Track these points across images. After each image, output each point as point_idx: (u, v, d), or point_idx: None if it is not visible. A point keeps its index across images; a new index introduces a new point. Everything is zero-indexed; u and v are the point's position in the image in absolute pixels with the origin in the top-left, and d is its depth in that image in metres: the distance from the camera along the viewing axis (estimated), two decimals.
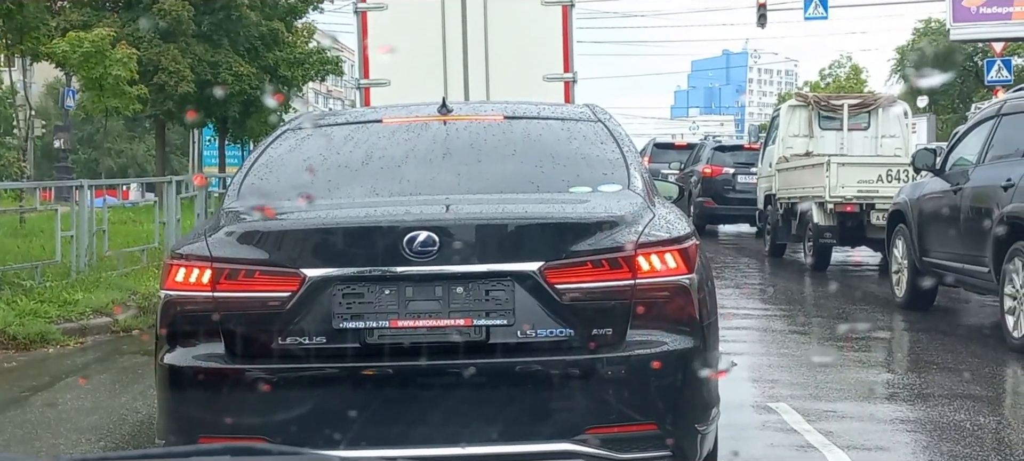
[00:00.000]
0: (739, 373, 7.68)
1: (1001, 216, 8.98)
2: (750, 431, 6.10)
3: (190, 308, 4.02)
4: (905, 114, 18.14)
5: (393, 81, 10.96)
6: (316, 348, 3.90)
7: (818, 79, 65.06)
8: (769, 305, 12.56)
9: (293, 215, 4.28)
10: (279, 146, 4.78)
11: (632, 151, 4.68)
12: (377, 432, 3.84)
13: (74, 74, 23.93)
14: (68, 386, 7.86)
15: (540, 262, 3.88)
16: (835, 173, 14.57)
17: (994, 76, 29.21)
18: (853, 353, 9.24)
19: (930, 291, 11.21)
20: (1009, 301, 8.82)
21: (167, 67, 27.48)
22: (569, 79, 11.05)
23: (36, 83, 46.89)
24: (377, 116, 5.09)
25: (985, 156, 9.84)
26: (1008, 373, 8.30)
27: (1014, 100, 10.05)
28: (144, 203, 27.36)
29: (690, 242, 4.09)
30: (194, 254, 4.05)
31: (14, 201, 15.97)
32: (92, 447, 6.02)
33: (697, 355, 3.98)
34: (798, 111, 18.28)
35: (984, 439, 5.96)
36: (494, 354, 3.88)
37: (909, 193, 11.55)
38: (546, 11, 11.12)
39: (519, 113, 4.99)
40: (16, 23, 18.45)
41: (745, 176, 21.47)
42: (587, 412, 3.87)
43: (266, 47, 29.90)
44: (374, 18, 11.20)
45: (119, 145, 58.22)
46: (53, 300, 10.29)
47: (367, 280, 3.90)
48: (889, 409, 6.82)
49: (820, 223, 14.97)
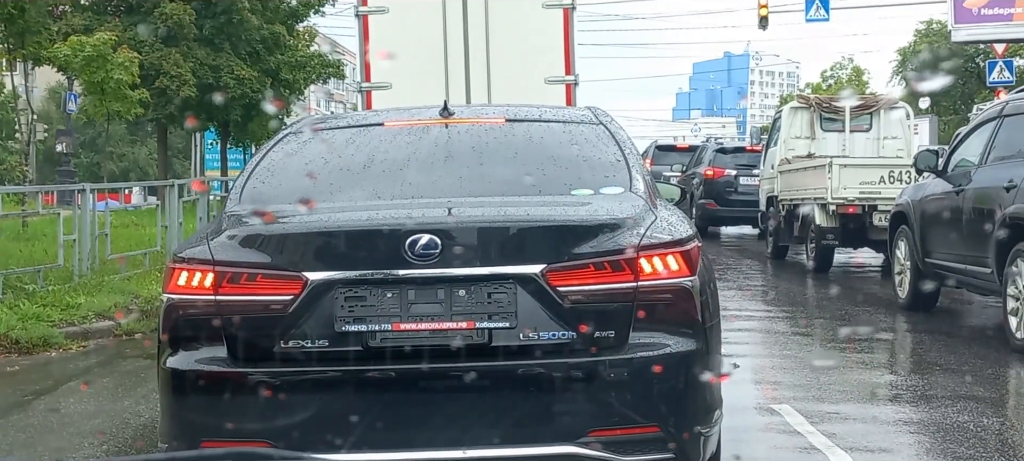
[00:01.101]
0: (742, 375, 7.68)
1: (1003, 217, 8.97)
2: (753, 433, 6.10)
3: (192, 312, 4.01)
4: (907, 115, 18.13)
5: (395, 84, 10.95)
6: (318, 351, 3.89)
7: (820, 81, 65.01)
8: (772, 307, 12.55)
9: (295, 218, 4.28)
10: (281, 150, 4.78)
11: (634, 153, 4.67)
12: (379, 436, 3.84)
13: (76, 78, 23.94)
14: (70, 390, 7.85)
15: (542, 265, 3.87)
16: (837, 175, 14.57)
17: (996, 77, 29.20)
18: (856, 355, 9.23)
19: (933, 293, 11.21)
20: (1012, 302, 8.81)
21: (169, 71, 27.48)
22: (571, 82, 11.04)
23: (38, 87, 46.87)
24: (379, 119, 5.08)
25: (987, 157, 9.82)
26: (1011, 374, 8.29)
27: (1016, 101, 10.04)
28: (146, 207, 27.39)
29: (692, 244, 4.08)
30: (196, 258, 4.04)
31: (17, 205, 15.97)
32: (95, 451, 6.02)
33: (699, 357, 3.97)
34: (800, 113, 18.28)
35: (988, 441, 5.95)
36: (496, 357, 3.87)
37: (911, 194, 11.54)
38: (547, 14, 11.10)
39: (520, 116, 4.99)
40: (18, 27, 18.46)
41: (747, 178, 21.47)
42: (590, 415, 3.86)
43: (268, 51, 29.90)
44: (375, 21, 11.19)
45: (121, 149, 58.26)
46: (55, 304, 10.30)
47: (369, 283, 3.89)
48: (892, 411, 6.81)
49: (822, 225, 14.97)
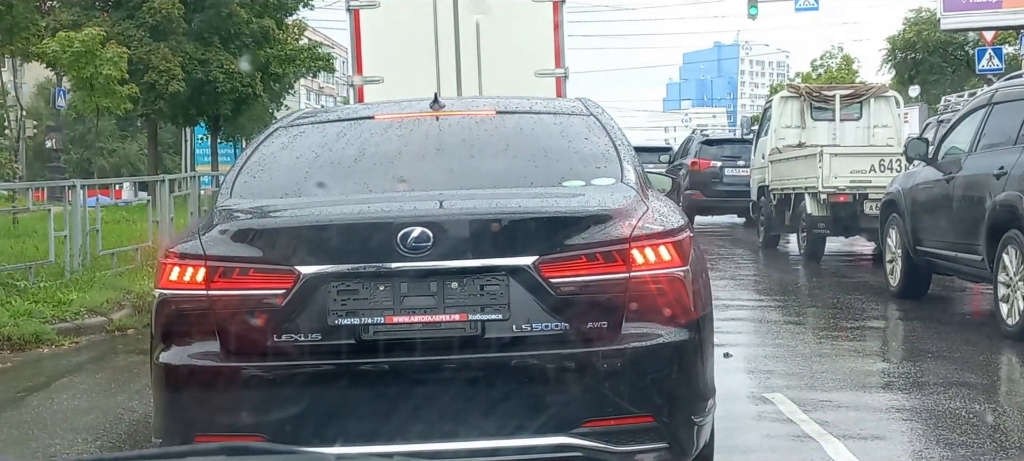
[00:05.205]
0: (735, 364, 7.69)
1: (994, 204, 9.00)
2: (746, 422, 6.11)
3: (185, 306, 4.01)
4: (897, 104, 18.18)
5: (386, 78, 10.98)
6: (311, 345, 3.89)
7: (810, 70, 65.04)
8: (764, 296, 12.57)
9: (287, 212, 4.28)
10: (272, 144, 4.77)
11: (625, 144, 4.66)
12: (373, 428, 3.84)
13: (65, 74, 23.88)
14: (64, 386, 7.84)
15: (534, 256, 3.87)
16: (828, 163, 14.61)
17: (985, 65, 29.28)
18: (848, 343, 9.25)
19: (924, 280, 11.25)
20: (1003, 289, 8.84)
21: (157, 66, 27.40)
22: (560, 74, 11.10)
23: (27, 83, 46.76)
24: (369, 112, 5.08)
25: (977, 145, 9.85)
26: (1003, 360, 8.32)
27: (1005, 88, 10.07)
28: (137, 202, 27.34)
29: (684, 234, 4.09)
30: (188, 252, 4.04)
31: (7, 202, 15.92)
32: (88, 447, 6.01)
33: (692, 347, 3.98)
34: (790, 102, 18.32)
35: (979, 427, 5.97)
36: (489, 349, 3.87)
37: (902, 183, 11.57)
38: (537, 8, 11.16)
39: (511, 108, 4.99)
40: (6, 24, 18.41)
41: (732, 169, 22.15)
42: (583, 405, 3.86)
43: (257, 44, 29.82)
44: (367, 16, 11.22)
45: (111, 144, 58.09)
46: (47, 300, 10.28)
47: (361, 276, 3.89)
48: (885, 398, 6.83)
49: (813, 213, 15.01)
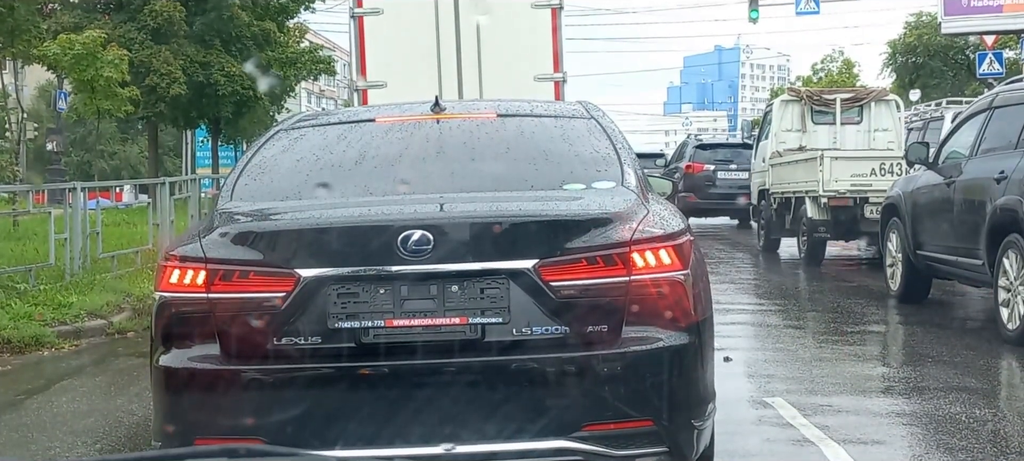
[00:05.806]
0: (735, 368, 7.69)
1: (994, 208, 8.99)
2: (746, 426, 6.10)
3: (185, 309, 4.00)
4: (898, 108, 18.18)
5: (389, 83, 11.18)
6: (311, 348, 3.89)
7: (810, 74, 65.09)
8: (764, 300, 12.56)
9: (287, 215, 4.27)
10: (272, 146, 4.77)
11: (625, 148, 4.66)
12: (373, 432, 3.84)
13: (66, 76, 23.88)
14: (63, 389, 7.83)
15: (535, 260, 3.86)
16: (828, 167, 14.61)
17: (986, 69, 29.29)
18: (848, 347, 9.25)
19: (924, 284, 11.24)
20: (1003, 293, 8.83)
21: (158, 69, 27.42)
22: (559, 79, 11.33)
23: (28, 86, 46.81)
24: (370, 115, 5.08)
25: (978, 149, 9.85)
26: (1003, 365, 8.32)
27: (1006, 93, 10.07)
28: (137, 205, 27.32)
29: (684, 238, 4.09)
30: (189, 255, 4.03)
31: (7, 204, 15.92)
32: (88, 450, 6.00)
33: (692, 351, 3.98)
34: (791, 106, 18.30)
35: (980, 432, 5.97)
36: (489, 352, 3.87)
37: (903, 186, 11.57)
38: (536, 13, 11.43)
39: (512, 111, 4.99)
40: (7, 26, 18.39)
41: (725, 172, 23.24)
42: (583, 409, 3.86)
43: (258, 47, 29.84)
44: (371, 23, 11.47)
45: (112, 147, 58.10)
46: (47, 303, 10.28)
47: (362, 279, 3.88)
48: (885, 402, 6.83)
49: (814, 217, 15.01)
